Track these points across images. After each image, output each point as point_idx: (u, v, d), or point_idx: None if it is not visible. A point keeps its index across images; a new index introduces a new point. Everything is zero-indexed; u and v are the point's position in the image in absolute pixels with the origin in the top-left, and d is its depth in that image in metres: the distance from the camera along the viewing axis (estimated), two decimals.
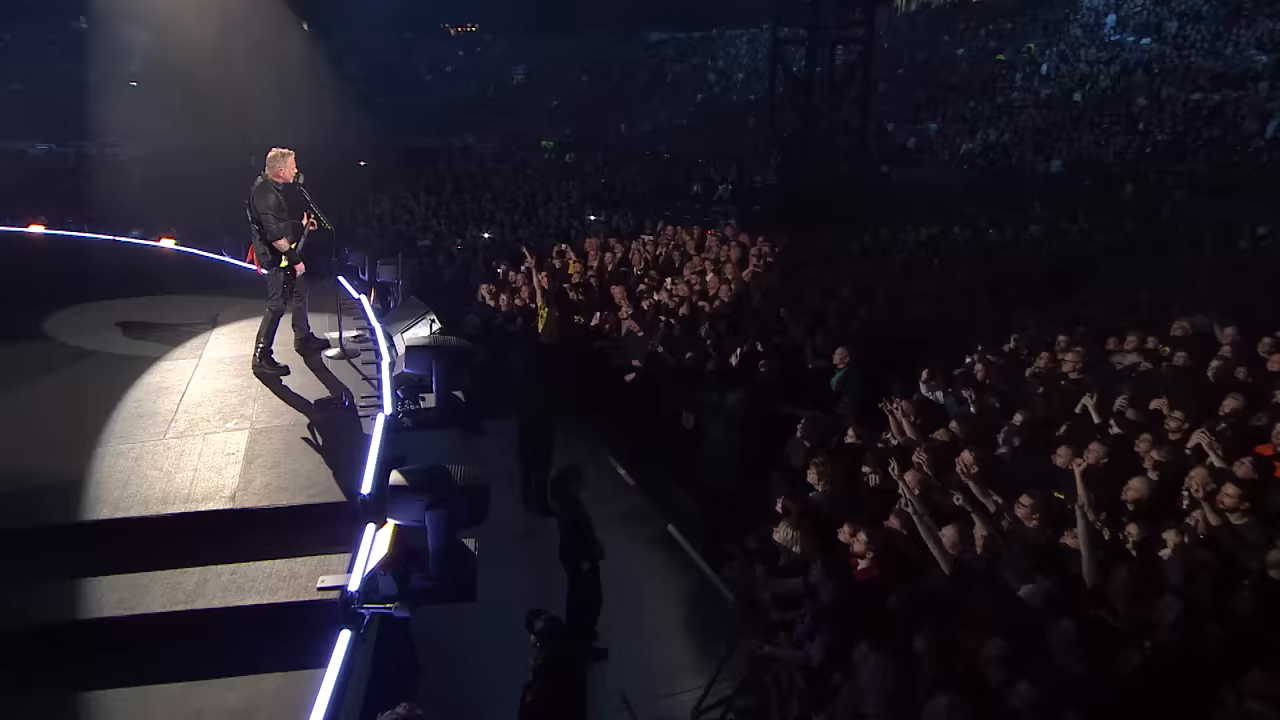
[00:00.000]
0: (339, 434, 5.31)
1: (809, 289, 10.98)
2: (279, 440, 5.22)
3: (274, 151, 6.38)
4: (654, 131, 40.34)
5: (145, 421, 5.47)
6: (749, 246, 13.39)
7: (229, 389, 6.10)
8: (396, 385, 5.98)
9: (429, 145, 38.09)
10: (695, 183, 22.57)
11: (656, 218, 17.72)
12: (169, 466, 4.85)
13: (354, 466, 4.79)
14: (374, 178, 23.45)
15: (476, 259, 12.91)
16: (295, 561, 4.15)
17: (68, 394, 5.97)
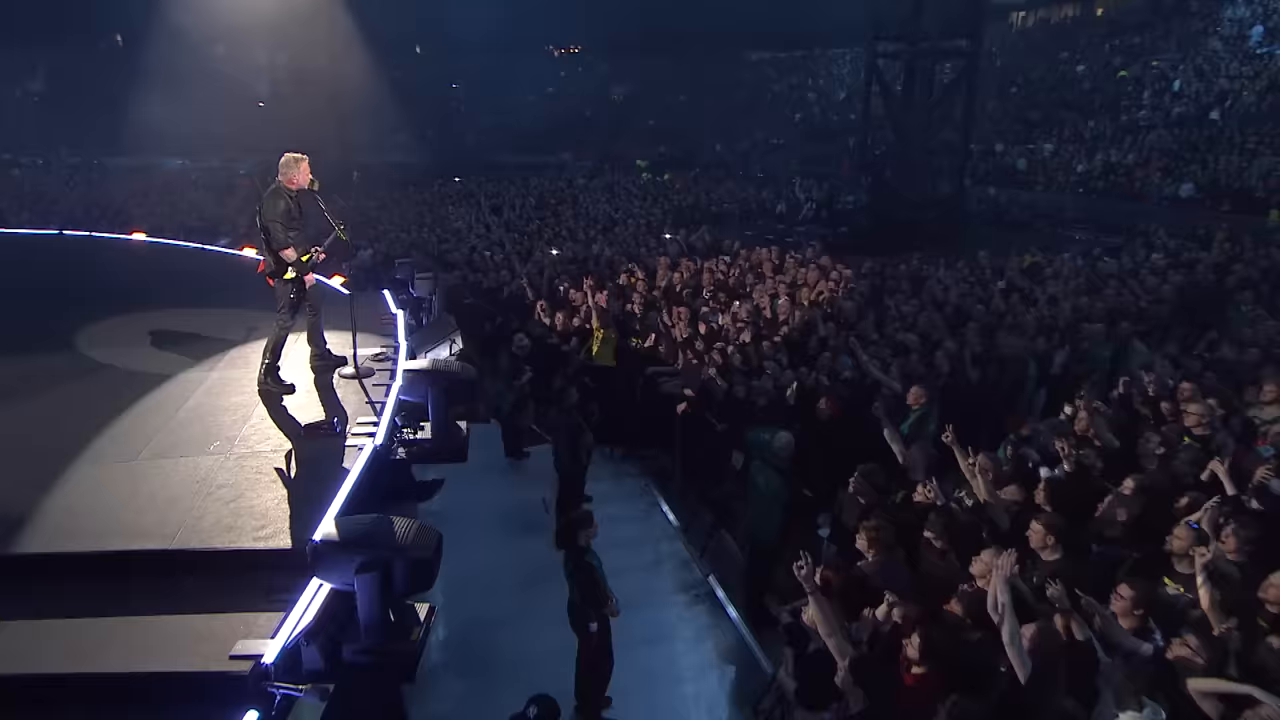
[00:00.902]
0: (317, 466, 4.75)
1: (889, 318, 9.91)
2: (252, 469, 4.70)
3: (287, 156, 5.94)
4: (749, 151, 39.53)
5: (124, 440, 5.07)
6: (829, 269, 12.41)
7: (226, 408, 5.67)
8: (396, 412, 5.41)
9: (526, 163, 38.58)
10: (780, 202, 21.57)
11: (737, 237, 16.93)
12: (124, 494, 4.39)
13: (319, 506, 4.19)
14: (461, 194, 23.54)
15: (541, 276, 12.41)
16: (221, 619, 3.55)
17: (64, 407, 5.67)
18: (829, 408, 7.43)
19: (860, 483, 5.59)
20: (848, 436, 7.46)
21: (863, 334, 9.07)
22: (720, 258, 13.73)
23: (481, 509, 8.54)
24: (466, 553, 7.84)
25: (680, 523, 8.13)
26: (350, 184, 28.07)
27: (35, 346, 6.96)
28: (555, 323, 10.53)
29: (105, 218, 18.84)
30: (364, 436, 5.09)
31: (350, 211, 16.72)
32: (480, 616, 6.78)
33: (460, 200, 22.41)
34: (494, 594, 7.06)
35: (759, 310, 10.31)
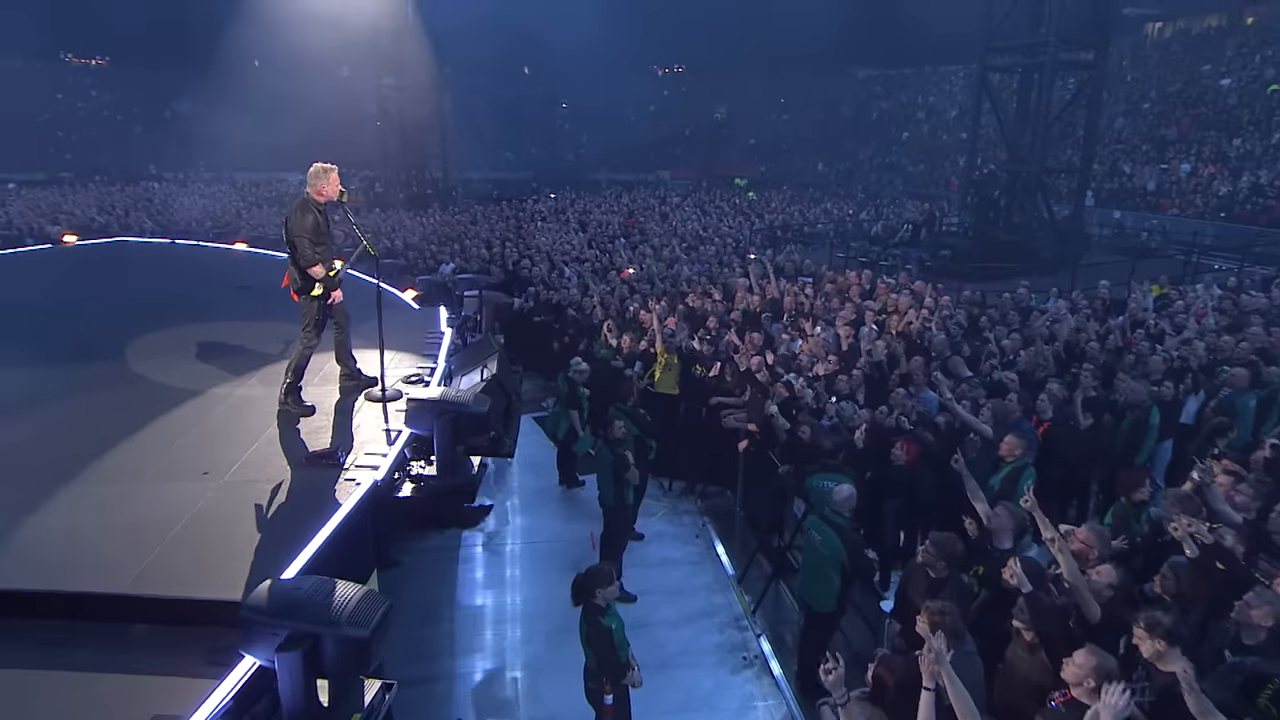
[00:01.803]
0: (308, 500, 4.30)
1: (987, 353, 8.84)
2: (238, 501, 4.30)
3: (316, 166, 5.58)
4: (852, 170, 38.17)
5: (120, 461, 4.79)
6: (923, 296, 11.34)
7: (238, 429, 5.34)
8: (408, 443, 4.93)
9: (624, 180, 38.57)
10: (876, 223, 20.35)
11: (829, 259, 15.98)
12: (99, 523, 4.06)
13: (293, 550, 3.73)
14: (553, 210, 23.45)
15: (613, 295, 11.90)
16: (147, 681, 3.10)
17: (78, 421, 5.46)
18: (905, 454, 6.54)
19: (930, 552, 4.70)
20: (926, 489, 6.56)
21: (952, 369, 8.06)
22: (805, 280, 12.86)
23: (525, 541, 8.08)
24: (500, 588, 7.37)
25: (737, 571, 7.33)
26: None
27: (83, 355, 6.92)
28: (621, 345, 9.96)
29: (217, 228, 19.64)
30: (368, 469, 4.62)
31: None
32: (500, 664, 6.26)
33: (551, 216, 22.29)
34: (522, 637, 6.54)
35: (839, 339, 9.43)
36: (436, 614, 6.77)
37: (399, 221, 20.71)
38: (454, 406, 4.56)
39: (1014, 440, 6.20)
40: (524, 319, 12.41)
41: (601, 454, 6.70)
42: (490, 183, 37.87)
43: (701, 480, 8.90)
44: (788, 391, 7.48)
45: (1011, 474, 6.12)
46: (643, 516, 8.16)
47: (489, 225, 19.56)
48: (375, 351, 5.83)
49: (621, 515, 6.84)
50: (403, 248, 16.79)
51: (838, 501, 5.34)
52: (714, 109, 49.48)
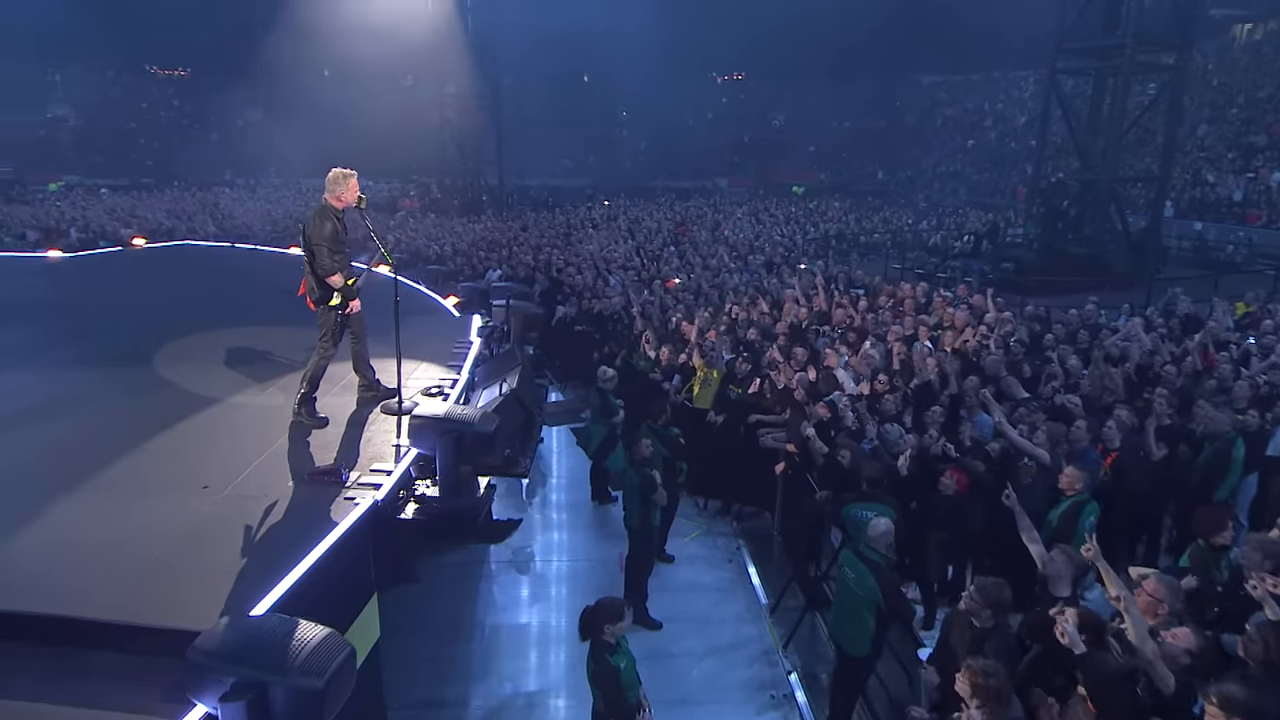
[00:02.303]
0: (303, 520, 4.07)
1: (1049, 373, 8.19)
2: (230, 518, 4.09)
3: (334, 171, 5.36)
4: (914, 178, 37.09)
5: (122, 471, 4.65)
6: (982, 310, 10.68)
7: (247, 440, 5.17)
8: (415, 461, 4.68)
9: (681, 187, 38.30)
10: (936, 233, 19.53)
11: (884, 270, 15.37)
12: (85, 538, 3.89)
13: (274, 576, 3.49)
14: (605, 216, 23.27)
15: (655, 304, 11.57)
16: (89, 716, 2.88)
17: (91, 429, 5.35)
18: (955, 483, 6.03)
19: (975, 599, 4.22)
20: (976, 522, 6.04)
21: (1007, 390, 7.47)
22: (857, 292, 12.30)
23: (551, 559, 7.80)
24: (523, 608, 7.05)
25: (770, 600, 6.90)
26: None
27: (120, 358, 6.91)
28: (660, 357, 9.62)
29: (277, 233, 20.00)
30: (370, 488, 4.37)
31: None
32: (519, 689, 5.97)
33: (602, 223, 22.09)
34: (539, 662, 6.24)
35: (889, 356, 8.90)
36: (455, 634, 6.52)
37: (450, 227, 20.79)
38: (458, 425, 4.28)
39: (1075, 472, 5.64)
40: (566, 328, 12.21)
41: (627, 474, 6.36)
42: (547, 190, 38.06)
43: (738, 500, 8.49)
44: (829, 412, 7.02)
45: (1071, 509, 5.57)
46: (674, 537, 7.82)
47: (538, 232, 19.46)
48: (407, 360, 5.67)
49: (647, 538, 6.49)
50: (451, 253, 16.78)
51: (874, 537, 4.88)
52: (773, 116, 48.85)
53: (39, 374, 6.58)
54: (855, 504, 5.68)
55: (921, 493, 6.17)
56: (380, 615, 6.47)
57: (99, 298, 11.32)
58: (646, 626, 6.45)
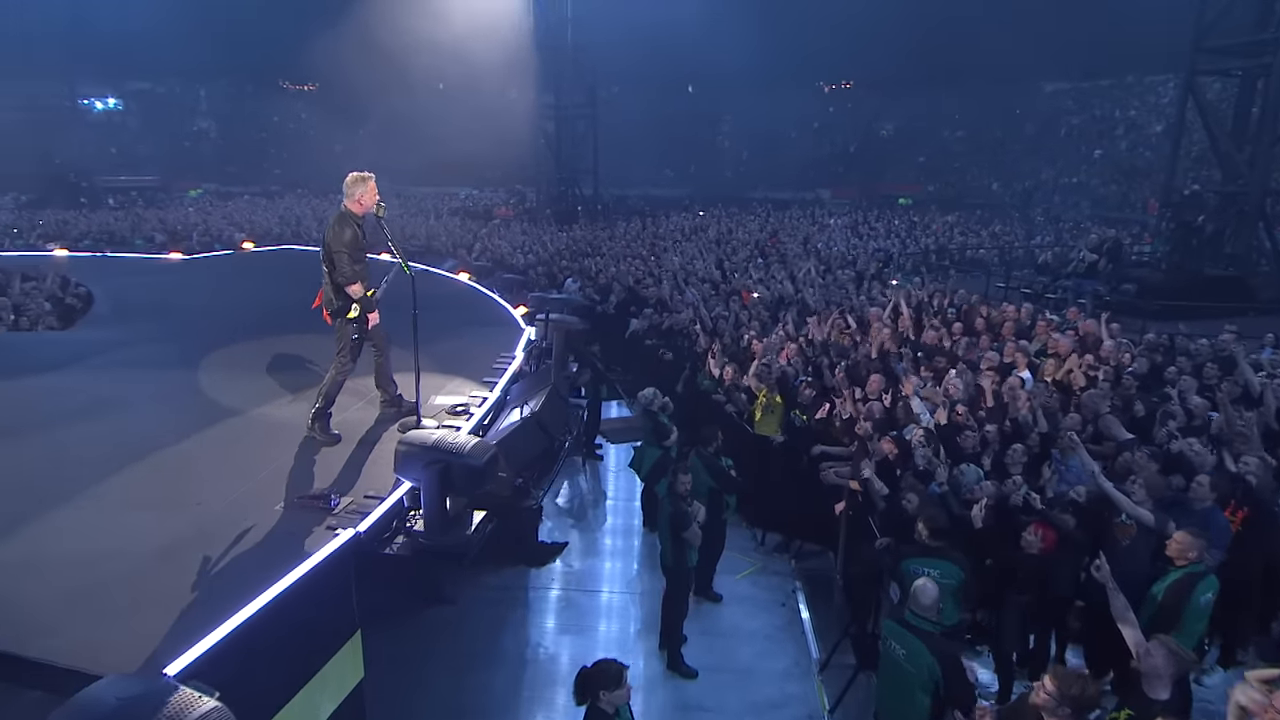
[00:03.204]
0: (276, 551, 3.77)
1: (1167, 413, 7.09)
2: (208, 542, 3.83)
3: (352, 175, 5.13)
4: (1032, 190, 34.72)
5: (123, 484, 4.51)
6: (1093, 338, 9.53)
7: (253, 455, 4.97)
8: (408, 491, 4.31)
9: (781, 198, 37.33)
10: (1048, 250, 17.94)
11: (986, 289, 14.17)
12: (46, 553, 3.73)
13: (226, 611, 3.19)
14: (696, 227, 22.74)
15: (728, 320, 10.99)
16: None
17: (114, 437, 5.27)
18: (1039, 539, 5.20)
19: (1050, 692, 3.46)
20: (1063, 586, 5.20)
21: (1106, 430, 6.49)
22: (948, 311, 11.30)
23: (597, 589, 7.31)
24: (553, 642, 6.43)
25: (822, 655, 6.19)
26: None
27: (169, 362, 6.97)
28: (724, 376, 9.03)
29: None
30: (357, 517, 4.04)
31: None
32: None
33: (692, 233, 21.56)
34: (564, 705, 5.75)
35: (991, 382, 7.92)
36: (485, 663, 6.14)
37: (537, 236, 20.78)
38: (445, 455, 3.88)
39: (1188, 539, 4.72)
40: (637, 341, 11.78)
41: (661, 507, 5.82)
42: (646, 199, 37.85)
43: (799, 537, 7.79)
44: (894, 448, 6.26)
45: (1182, 584, 4.67)
46: (725, 574, 7.22)
47: (624, 242, 19.13)
48: (433, 376, 5.37)
49: (682, 578, 5.92)
50: (534, 262, 16.68)
51: (922, 604, 4.17)
52: (881, 125, 47.02)
53: (91, 374, 6.69)
54: (916, 559, 4.95)
55: (999, 548, 5.36)
56: (410, 638, 6.23)
57: (192, 298, 11.75)
58: (681, 674, 5.91)
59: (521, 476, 4.58)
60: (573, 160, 29.73)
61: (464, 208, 31.47)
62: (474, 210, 29.60)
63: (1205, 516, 5.24)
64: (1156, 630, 4.54)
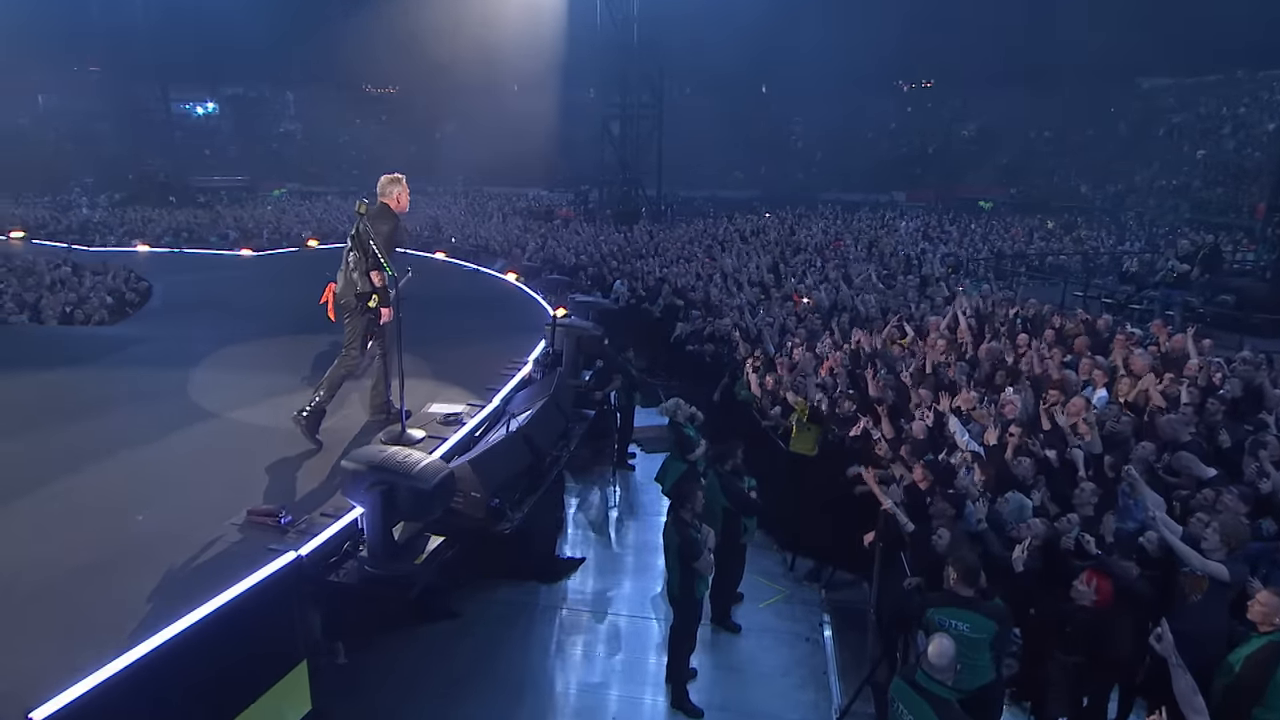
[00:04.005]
0: (208, 569, 3.47)
1: (1254, 443, 6.18)
2: (133, 556, 3.59)
3: (386, 177, 5.20)
4: (1124, 193, 32.54)
5: (78, 488, 4.32)
6: (1177, 355, 8.54)
7: (224, 460, 4.77)
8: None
9: (853, 200, 36.14)
10: (1133, 257, 16.52)
11: (1061, 298, 13.11)
12: None
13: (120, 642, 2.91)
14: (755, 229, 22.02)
15: (773, 326, 10.39)
16: None
17: (100, 436, 5.14)
18: (1093, 591, 4.52)
19: None
20: (1121, 646, 4.48)
21: (1183, 466, 5.66)
22: (1017, 321, 10.41)
23: (608, 611, 6.85)
24: (555, 667, 5.96)
25: (845, 699, 5.59)
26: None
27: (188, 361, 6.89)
28: (763, 385, 8.47)
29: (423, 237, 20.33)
30: (299, 538, 3.71)
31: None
32: None
33: (754, 235, 20.83)
34: None
35: (1051, 401, 7.12)
36: (478, 687, 5.77)
37: (591, 236, 20.47)
38: (391, 476, 3.51)
39: (1274, 599, 3.98)
40: (680, 346, 11.32)
41: (668, 533, 5.32)
42: (713, 201, 37.21)
43: (832, 564, 7.17)
44: (925, 476, 5.59)
45: (1267, 653, 3.92)
46: (750, 601, 6.69)
47: (679, 244, 18.62)
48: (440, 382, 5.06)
49: (690, 610, 5.41)
50: (586, 263, 16.36)
51: (935, 664, 3.58)
52: (963, 126, 45.08)
53: (100, 371, 6.68)
54: (943, 608, 4.33)
55: (1046, 598, 4.69)
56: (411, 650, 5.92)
57: (243, 294, 11.92)
58: (685, 714, 5.42)
59: (499, 497, 4.18)
60: (637, 161, 29.41)
61: (529, 208, 31.50)
62: (537, 210, 29.52)
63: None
64: (1234, 706, 3.85)
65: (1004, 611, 4.32)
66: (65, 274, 13.38)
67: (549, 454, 5.12)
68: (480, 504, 4.05)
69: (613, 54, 28.47)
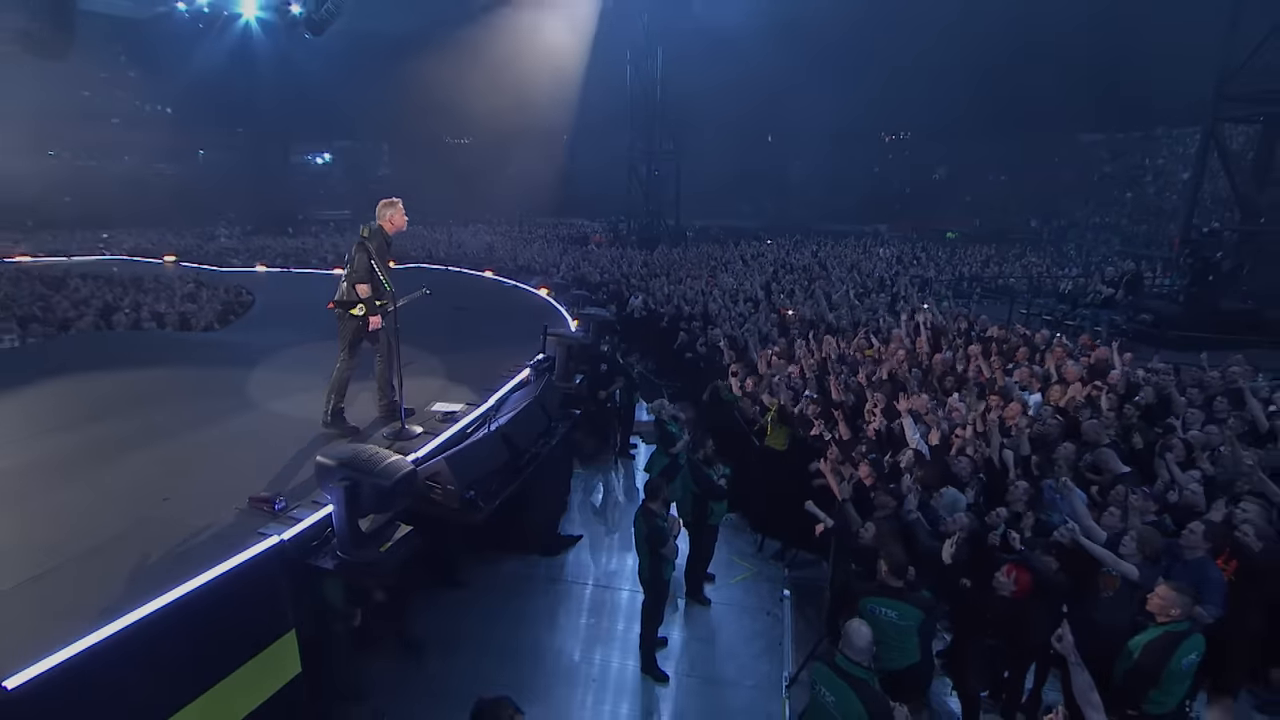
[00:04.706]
0: (201, 549, 3.20)
1: (1167, 446, 5.60)
2: (139, 538, 3.32)
3: (384, 201, 4.88)
4: (1066, 228, 31.32)
5: (116, 473, 4.06)
6: (1103, 365, 7.93)
7: (248, 447, 4.48)
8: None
9: (843, 230, 35.37)
10: (1068, 279, 15.64)
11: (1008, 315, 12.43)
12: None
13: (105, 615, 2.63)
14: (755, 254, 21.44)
15: (753, 335, 9.92)
16: None
17: (151, 426, 4.90)
18: (1013, 583, 4.05)
19: None
20: (1037, 633, 4.00)
21: (1102, 463, 5.15)
22: (971, 334, 9.82)
23: (609, 585, 6.40)
24: (555, 634, 5.56)
25: (793, 669, 5.15)
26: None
27: (249, 359, 6.66)
28: (744, 387, 8.04)
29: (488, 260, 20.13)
30: (284, 526, 3.41)
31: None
32: None
33: (753, 258, 20.27)
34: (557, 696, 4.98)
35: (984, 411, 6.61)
36: (474, 649, 5.33)
37: (616, 258, 20.12)
38: (355, 473, 3.19)
39: (1170, 594, 3.51)
40: (679, 353, 10.92)
41: (637, 523, 4.93)
42: (725, 230, 36.71)
43: (796, 544, 6.71)
44: (870, 473, 5.14)
45: (1162, 643, 3.47)
46: (721, 578, 6.27)
47: (688, 266, 18.16)
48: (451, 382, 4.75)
49: (658, 593, 5.01)
50: (608, 280, 16.03)
51: (855, 646, 3.17)
52: (934, 169, 43.99)
53: (187, 369, 6.48)
54: (875, 597, 3.90)
55: (971, 589, 4.22)
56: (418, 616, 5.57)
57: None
58: (653, 678, 5.04)
59: (474, 490, 3.85)
60: (660, 196, 29.25)
61: (569, 234, 31.24)
62: (575, 236, 29.23)
63: (1198, 569, 3.95)
64: (1132, 689, 3.39)
65: (930, 602, 3.90)
66: (191, 289, 13.43)
67: (528, 451, 4.76)
68: (455, 496, 3.73)
69: (640, 108, 28.33)
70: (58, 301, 11.34)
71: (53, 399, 5.53)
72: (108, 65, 35.65)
